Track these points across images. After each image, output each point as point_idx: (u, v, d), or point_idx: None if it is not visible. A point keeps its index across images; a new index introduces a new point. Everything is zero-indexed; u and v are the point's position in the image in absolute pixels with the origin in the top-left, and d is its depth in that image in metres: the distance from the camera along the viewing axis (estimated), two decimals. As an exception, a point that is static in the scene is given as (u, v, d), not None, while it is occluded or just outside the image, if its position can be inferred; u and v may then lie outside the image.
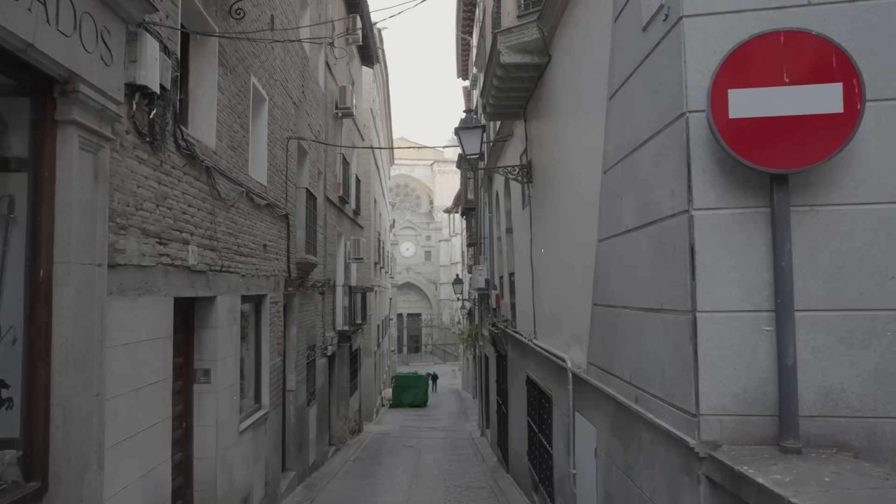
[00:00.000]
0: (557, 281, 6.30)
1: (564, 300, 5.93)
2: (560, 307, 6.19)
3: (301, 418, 10.31)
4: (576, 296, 5.42)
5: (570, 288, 5.63)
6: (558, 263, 6.21)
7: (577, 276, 5.34)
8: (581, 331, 5.20)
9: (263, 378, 7.99)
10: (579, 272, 5.27)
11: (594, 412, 4.77)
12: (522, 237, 8.85)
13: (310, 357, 11.28)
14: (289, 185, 9.37)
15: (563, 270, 5.99)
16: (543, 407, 7.21)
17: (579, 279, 5.28)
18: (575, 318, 5.47)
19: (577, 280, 5.38)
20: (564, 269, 5.90)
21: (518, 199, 9.27)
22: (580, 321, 5.23)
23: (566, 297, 5.85)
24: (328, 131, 13.68)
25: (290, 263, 9.40)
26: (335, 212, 14.55)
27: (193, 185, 5.38)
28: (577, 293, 5.38)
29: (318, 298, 12.23)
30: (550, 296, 6.75)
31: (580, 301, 5.23)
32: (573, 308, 5.53)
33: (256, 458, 7.47)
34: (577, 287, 5.37)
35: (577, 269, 5.37)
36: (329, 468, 12.05)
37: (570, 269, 5.61)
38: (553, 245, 6.53)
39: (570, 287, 5.67)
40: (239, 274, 6.74)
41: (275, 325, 8.49)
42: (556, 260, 6.30)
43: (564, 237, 5.87)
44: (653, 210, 3.28)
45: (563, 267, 5.94)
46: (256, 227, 7.48)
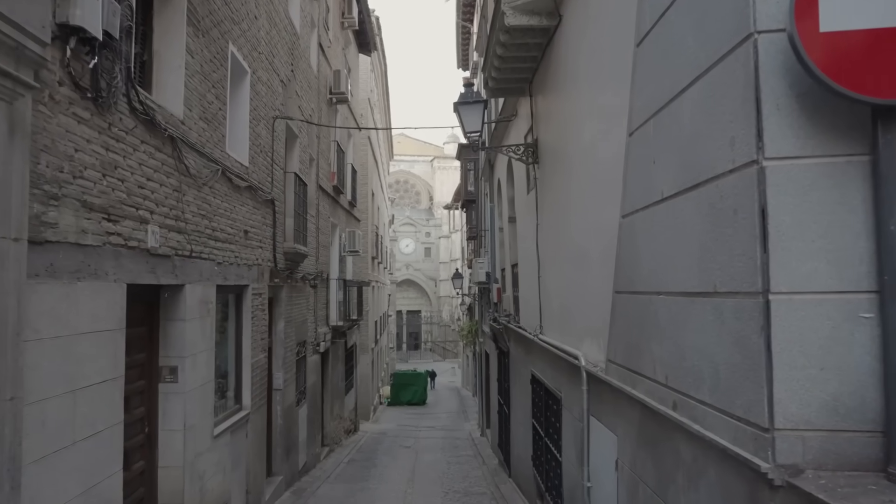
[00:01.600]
0: (568, 269, 5.63)
1: (577, 290, 5.26)
2: (571, 298, 5.52)
3: (289, 419, 9.65)
4: (591, 284, 4.75)
5: (585, 275, 4.95)
6: (569, 249, 5.54)
7: (593, 262, 4.67)
8: (598, 324, 4.53)
9: (244, 376, 7.32)
10: (596, 256, 4.60)
11: (615, 418, 4.10)
12: (527, 224, 8.17)
13: (300, 354, 10.61)
14: (275, 169, 8.69)
15: (574, 256, 5.32)
16: (551, 409, 6.54)
17: (596, 265, 4.60)
18: (590, 310, 4.80)
19: (592, 266, 4.71)
20: (577, 254, 5.22)
21: (522, 183, 8.59)
22: (597, 313, 4.56)
23: (579, 287, 5.18)
24: (321, 117, 12.99)
25: (277, 253, 8.73)
26: (329, 202, 13.88)
27: (154, 157, 4.71)
28: (593, 281, 4.70)
29: (310, 292, 11.56)
30: (559, 286, 6.08)
31: (597, 289, 4.55)
32: (588, 298, 4.86)
33: (235, 463, 6.80)
34: (592, 274, 4.70)
35: (592, 254, 4.70)
36: (321, 471, 11.40)
37: (584, 255, 4.94)
38: (563, 229, 5.85)
39: (583, 274, 5.00)
40: (214, 261, 6.07)
41: (258, 319, 7.82)
42: (567, 245, 5.63)
43: (577, 218, 5.19)
44: (701, 168, 2.60)
45: (576, 252, 5.26)
46: (236, 211, 6.81)
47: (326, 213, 13.48)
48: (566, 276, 5.72)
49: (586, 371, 4.76)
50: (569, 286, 5.60)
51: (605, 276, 4.32)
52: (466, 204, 19.53)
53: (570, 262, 5.54)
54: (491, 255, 13.18)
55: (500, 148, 7.39)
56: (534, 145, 7.13)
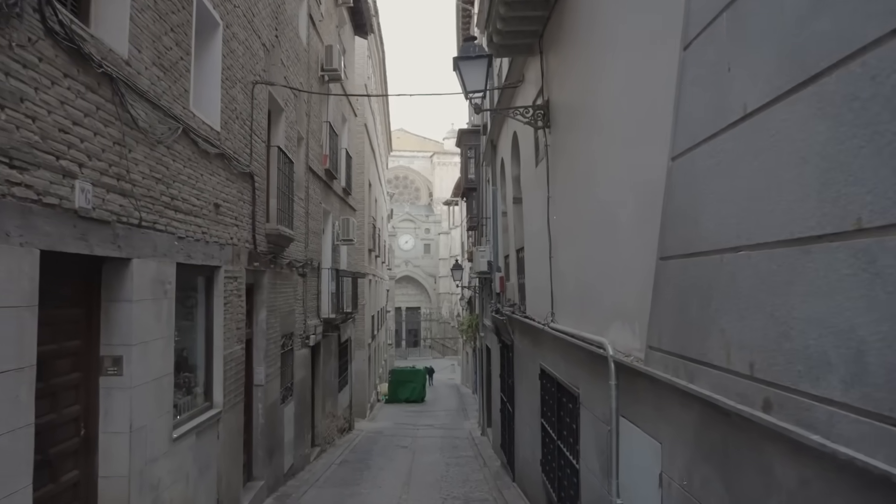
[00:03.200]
0: (590, 242, 4.75)
1: (602, 265, 4.38)
2: (594, 276, 4.64)
3: (273, 417, 8.78)
4: (622, 255, 3.88)
5: (613, 247, 4.08)
6: (592, 218, 4.66)
7: (625, 228, 3.80)
8: (632, 303, 3.66)
9: (216, 370, 6.44)
10: (629, 220, 3.73)
11: (659, 420, 3.23)
12: (535, 201, 7.30)
13: (286, 347, 9.74)
14: (255, 140, 7.81)
15: (599, 226, 4.44)
16: (566, 408, 5.68)
17: (629, 230, 3.73)
18: (620, 287, 3.92)
19: (624, 233, 3.83)
20: (602, 223, 4.35)
21: (529, 157, 7.71)
22: (630, 290, 3.69)
23: (605, 261, 4.30)
24: (311, 96, 12.10)
25: (257, 234, 7.85)
26: (321, 186, 13.00)
27: (85, 98, 3.83)
28: (624, 251, 3.83)
29: (298, 280, 10.68)
30: (577, 265, 5.21)
31: (630, 261, 3.68)
32: (617, 273, 3.99)
33: (203, 469, 5.94)
34: (624, 243, 3.83)
35: (624, 218, 3.83)
36: (309, 474, 10.53)
37: (612, 221, 4.07)
38: (582, 196, 4.98)
39: (611, 246, 4.12)
40: (173, 234, 5.19)
41: (234, 306, 6.95)
42: (589, 215, 4.76)
43: (604, 178, 4.32)
44: (825, 49, 1.73)
45: (600, 221, 4.39)
46: (204, 181, 5.93)
47: (317, 197, 12.60)
48: (587, 252, 4.84)
49: (615, 362, 3.89)
50: (590, 263, 4.72)
51: (642, 243, 3.45)
52: (467, 192, 18.65)
53: (592, 234, 4.67)
54: (493, 243, 12.32)
55: (506, 110, 6.51)
56: (545, 107, 6.25)
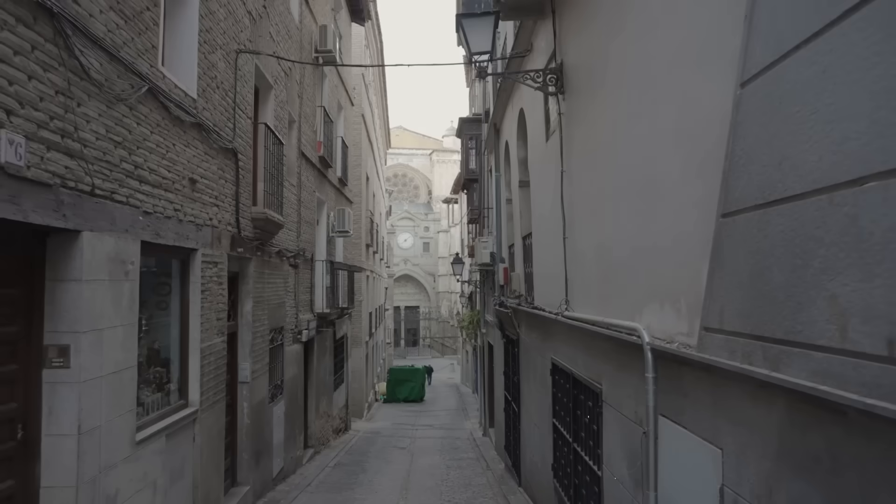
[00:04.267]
0: (617, 213, 4.10)
1: (634, 238, 3.73)
2: (623, 253, 3.99)
3: (260, 417, 8.13)
4: (664, 221, 3.23)
5: (650, 212, 3.43)
6: (621, 184, 4.01)
7: (668, 187, 3.15)
8: (677, 277, 3.02)
9: (191, 365, 5.79)
10: (673, 177, 3.08)
11: (717, 420, 2.58)
12: (546, 180, 6.66)
13: (275, 342, 9.09)
14: (239, 115, 7.16)
15: (630, 192, 3.80)
16: (584, 406, 5.03)
17: (673, 189, 3.08)
18: (661, 260, 3.28)
19: (666, 194, 3.19)
20: (635, 187, 3.70)
21: (539, 133, 7.07)
22: (675, 261, 3.05)
23: (638, 232, 3.65)
24: (304, 75, 11.46)
25: (241, 217, 7.20)
26: (314, 174, 12.34)
27: (16, 31, 3.17)
28: (666, 215, 3.18)
29: (289, 272, 10.03)
30: (600, 242, 4.56)
31: (675, 226, 3.04)
32: (656, 243, 3.34)
33: (175, 475, 5.29)
34: (666, 205, 3.18)
35: (666, 176, 3.18)
36: (301, 478, 9.87)
37: (650, 183, 3.42)
38: (607, 162, 4.33)
39: (648, 211, 3.48)
40: (137, 208, 4.54)
41: (213, 294, 6.30)
42: (617, 181, 4.11)
43: (637, 134, 3.66)
44: None
45: (633, 185, 3.74)
46: (176, 151, 5.28)
47: (311, 185, 11.95)
48: (613, 227, 4.20)
49: (653, 350, 3.24)
50: (618, 238, 4.07)
51: (691, 203, 2.81)
52: (467, 184, 18.01)
53: (620, 205, 4.02)
54: (496, 233, 11.68)
55: (515, 74, 5.86)
56: (558, 71, 5.60)
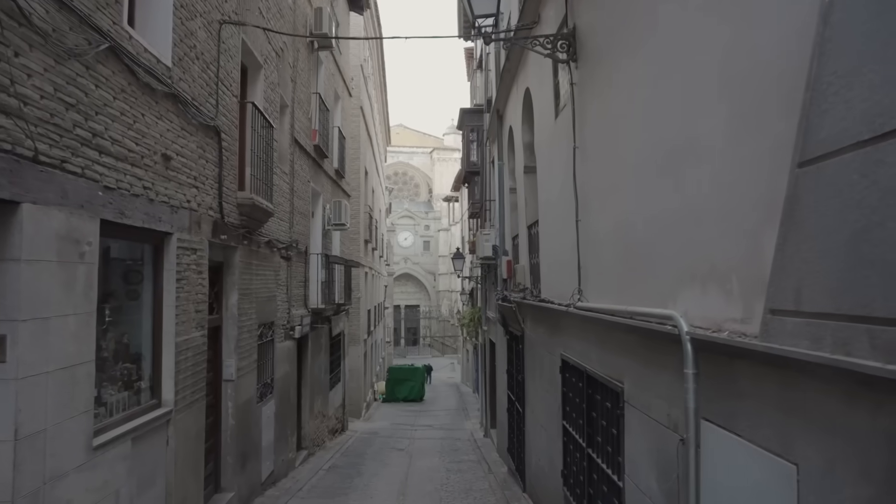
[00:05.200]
0: (644, 186, 3.56)
1: (667, 211, 3.19)
2: (651, 231, 3.45)
3: (246, 418, 7.59)
4: (707, 186, 2.69)
5: (690, 178, 2.89)
6: (650, 152, 3.47)
7: (715, 144, 2.61)
8: (727, 250, 2.47)
9: (165, 360, 5.24)
10: (722, 131, 2.53)
11: (790, 427, 2.03)
12: (555, 161, 6.12)
13: (264, 337, 8.55)
14: (223, 92, 6.62)
15: (661, 160, 3.26)
16: (600, 408, 4.48)
17: (721, 146, 2.54)
18: (703, 233, 2.73)
19: (714, 152, 2.64)
20: (668, 153, 3.16)
21: (547, 110, 6.52)
22: (724, 231, 2.50)
23: (672, 205, 3.11)
24: (298, 59, 10.92)
25: (225, 201, 6.65)
26: (309, 163, 11.80)
27: (-73, -45, 2.65)
28: (711, 180, 2.64)
29: (280, 264, 9.49)
30: (621, 221, 4.01)
31: (724, 189, 2.50)
32: (698, 214, 2.79)
33: (144, 483, 4.75)
34: (713, 166, 2.64)
35: (712, 130, 2.63)
36: (292, 482, 9.33)
37: (690, 144, 2.88)
38: (629, 130, 3.79)
39: (686, 178, 2.93)
40: (97, 182, 4.00)
41: (192, 284, 5.76)
42: (645, 149, 3.56)
43: (675, 90, 3.12)
44: None
45: (666, 151, 3.20)
46: (146, 123, 4.74)
47: (305, 175, 11.40)
48: (638, 202, 3.65)
49: (693, 341, 2.70)
50: (645, 212, 3.53)
51: (750, 158, 2.27)
52: (469, 177, 17.47)
53: (648, 175, 3.48)
54: (499, 225, 11.15)
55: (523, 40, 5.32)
56: (570, 36, 5.06)
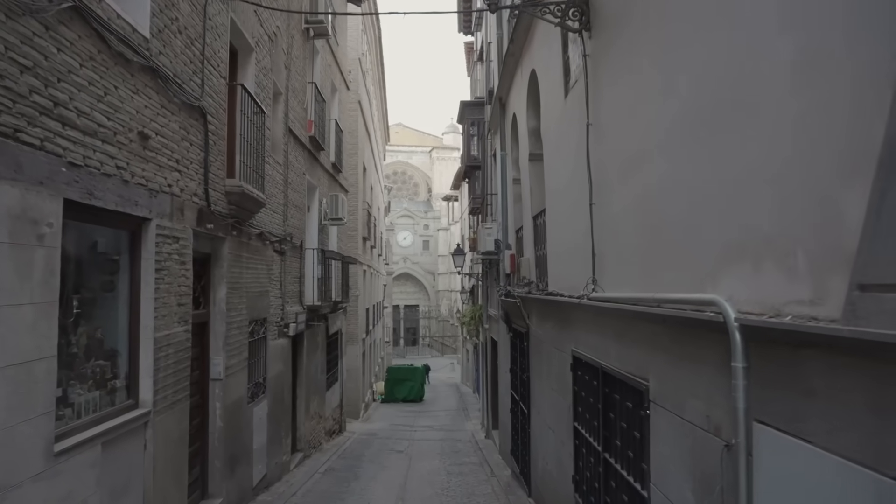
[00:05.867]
0: (673, 157, 3.14)
1: (706, 180, 2.76)
2: (682, 204, 3.02)
3: (236, 419, 7.17)
4: (764, 145, 2.27)
5: (737, 139, 2.47)
6: (682, 118, 3.05)
7: (777, 93, 2.19)
8: (792, 217, 2.06)
9: (143, 357, 4.82)
10: (789, 75, 2.12)
11: (889, 436, 1.61)
12: (565, 142, 5.70)
13: (256, 334, 8.13)
14: (209, 71, 6.20)
15: (698, 123, 2.84)
16: (620, 408, 4.06)
17: (787, 93, 2.12)
18: (757, 200, 2.31)
19: (772, 104, 2.22)
20: (708, 113, 2.74)
21: (556, 89, 6.10)
22: (788, 193, 2.09)
23: (715, 170, 2.68)
24: (293, 46, 10.50)
25: (212, 188, 6.23)
26: (305, 155, 11.38)
27: None
28: (771, 135, 2.22)
29: (274, 258, 9.07)
30: (644, 200, 3.59)
31: (790, 143, 2.08)
32: (752, 177, 2.38)
33: (117, 492, 4.33)
34: (773, 119, 2.22)
35: (771, 81, 2.22)
36: (286, 486, 8.91)
37: (738, 98, 2.46)
38: (658, 96, 3.37)
39: (733, 139, 2.51)
40: (59, 157, 3.58)
41: (173, 275, 5.33)
42: (675, 115, 3.15)
43: (716, 42, 2.70)
44: None
45: (706, 112, 2.78)
46: (120, 96, 4.32)
47: (300, 167, 10.98)
48: (666, 174, 3.23)
49: (744, 329, 2.28)
50: (675, 186, 3.11)
51: (823, 101, 1.85)
52: (469, 172, 17.05)
53: (679, 143, 3.06)
54: (502, 218, 10.73)
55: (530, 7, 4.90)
56: (583, 3, 4.64)
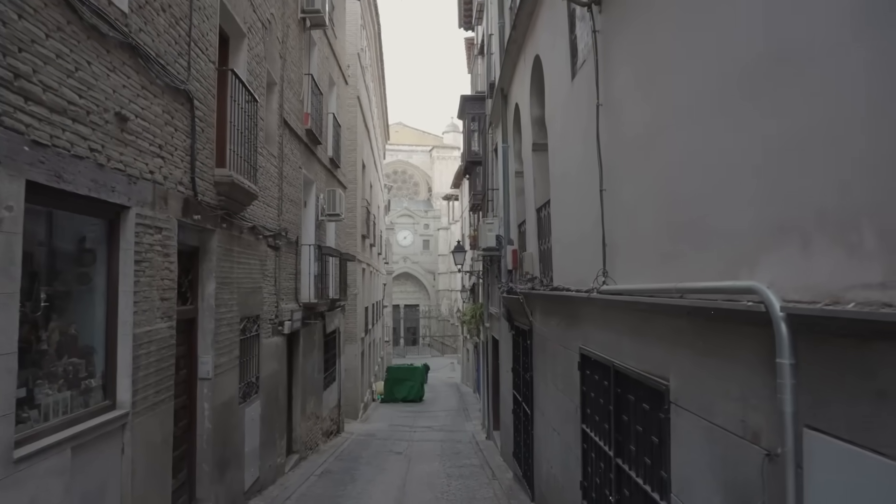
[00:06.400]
0: (701, 129, 2.82)
1: (745, 150, 2.44)
2: (713, 178, 2.70)
3: (226, 421, 6.84)
4: (813, 103, 1.94)
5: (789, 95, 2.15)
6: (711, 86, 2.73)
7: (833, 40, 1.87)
8: (852, 188, 1.73)
9: (121, 355, 4.49)
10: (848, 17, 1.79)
11: None
12: (573, 127, 5.37)
13: (248, 332, 7.81)
14: (196, 53, 5.87)
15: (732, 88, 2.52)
16: (634, 409, 3.73)
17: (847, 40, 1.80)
18: (806, 170, 1.99)
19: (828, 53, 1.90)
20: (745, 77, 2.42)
21: (562, 73, 5.78)
22: (847, 160, 1.76)
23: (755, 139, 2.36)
24: (288, 35, 10.18)
25: (200, 178, 5.91)
26: (301, 149, 11.06)
27: None
28: (826, 93, 1.90)
29: (268, 253, 8.75)
30: (664, 179, 3.27)
31: (852, 102, 1.75)
32: (804, 143, 2.05)
33: (90, 501, 4.00)
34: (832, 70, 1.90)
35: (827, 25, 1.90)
36: (280, 489, 8.58)
37: (787, 45, 2.14)
38: (682, 66, 3.05)
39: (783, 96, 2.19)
40: (20, 134, 3.26)
41: (156, 267, 5.01)
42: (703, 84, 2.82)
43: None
44: None
45: (748, 69, 2.46)
46: (94, 73, 3.99)
47: (296, 160, 10.66)
48: (699, 144, 2.91)
49: (790, 318, 1.96)
50: (708, 158, 2.78)
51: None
52: (470, 167, 16.73)
53: (713, 111, 2.73)
54: (504, 213, 10.39)
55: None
56: (595, -26, 4.32)
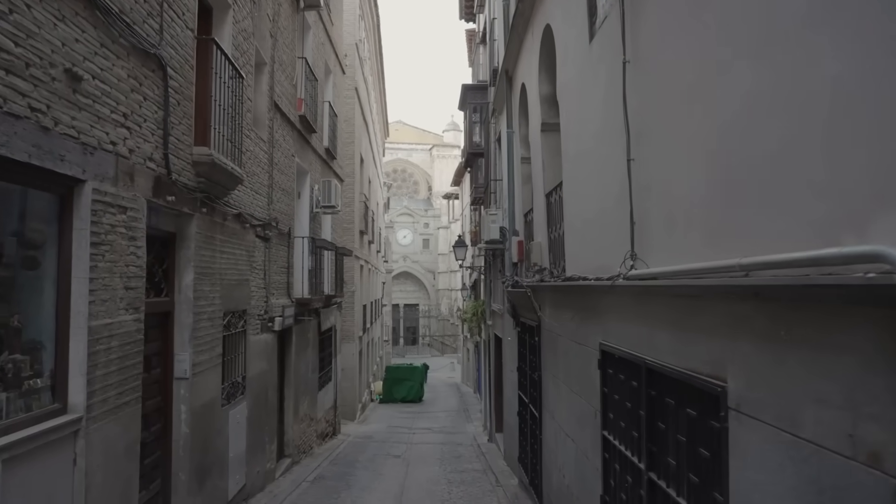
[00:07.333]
0: (770, 67, 2.22)
1: (857, 70, 1.84)
2: (796, 132, 2.10)
3: (207, 424, 6.24)
4: None
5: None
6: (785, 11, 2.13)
7: None
8: None
9: (73, 351, 3.90)
10: None
11: None
12: (592, 95, 4.76)
13: (233, 328, 7.21)
14: (170, 18, 5.26)
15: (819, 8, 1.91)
16: (676, 416, 3.13)
17: None
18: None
19: None
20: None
21: (578, 38, 5.16)
22: None
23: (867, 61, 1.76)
24: (280, 14, 9.58)
25: (175, 155, 5.31)
26: (294, 136, 10.47)
27: None
28: None
29: (256, 244, 8.15)
30: (728, 126, 2.67)
31: None
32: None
33: (32, 522, 3.41)
34: None
35: None
36: (268, 497, 7.99)
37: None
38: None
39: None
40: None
41: (119, 252, 4.41)
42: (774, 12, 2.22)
43: None
44: None
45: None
46: (36, 19, 3.39)
47: (288, 147, 10.06)
48: (770, 84, 2.31)
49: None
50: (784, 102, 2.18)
51: None
52: (471, 159, 16.13)
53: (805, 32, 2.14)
54: (508, 204, 9.80)
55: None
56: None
